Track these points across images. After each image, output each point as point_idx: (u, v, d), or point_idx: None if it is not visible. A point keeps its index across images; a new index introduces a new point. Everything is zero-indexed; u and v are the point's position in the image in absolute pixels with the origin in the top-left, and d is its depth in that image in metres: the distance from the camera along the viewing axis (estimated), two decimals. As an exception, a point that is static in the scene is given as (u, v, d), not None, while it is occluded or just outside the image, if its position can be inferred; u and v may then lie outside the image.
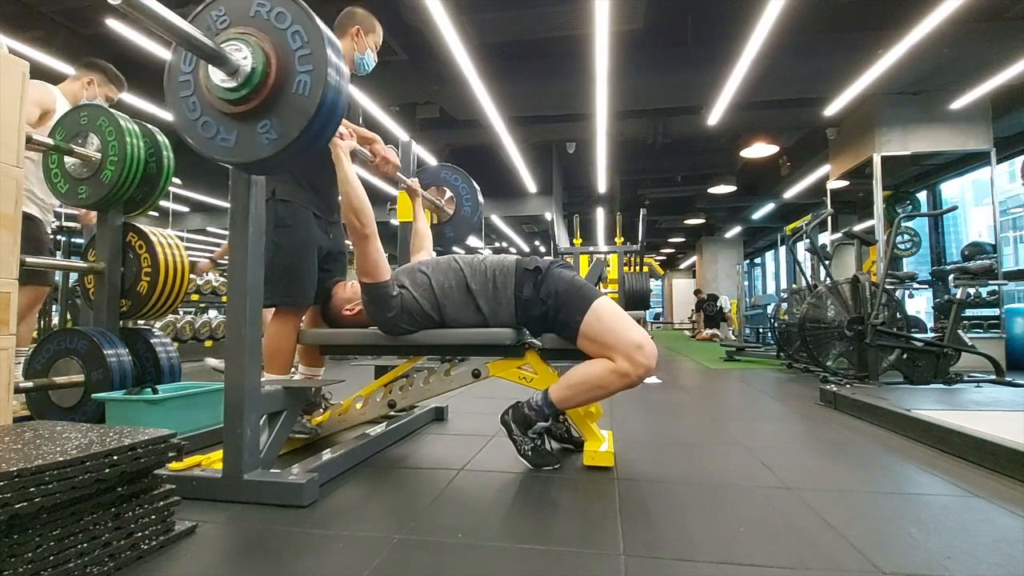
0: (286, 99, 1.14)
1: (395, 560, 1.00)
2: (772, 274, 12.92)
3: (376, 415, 1.89)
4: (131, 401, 1.80)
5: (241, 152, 1.18)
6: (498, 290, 1.63)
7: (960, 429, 1.74)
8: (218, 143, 1.19)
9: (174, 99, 1.22)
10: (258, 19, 1.15)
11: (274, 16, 1.14)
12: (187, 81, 1.20)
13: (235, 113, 1.15)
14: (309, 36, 1.12)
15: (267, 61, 1.12)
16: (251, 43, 1.12)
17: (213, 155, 1.20)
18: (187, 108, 1.21)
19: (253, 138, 1.16)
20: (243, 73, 1.11)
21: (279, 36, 1.13)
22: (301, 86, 1.12)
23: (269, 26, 1.14)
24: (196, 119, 1.20)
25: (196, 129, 1.20)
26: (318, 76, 1.12)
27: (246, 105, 1.14)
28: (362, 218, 1.55)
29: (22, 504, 0.81)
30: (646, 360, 1.49)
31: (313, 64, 1.12)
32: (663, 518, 1.22)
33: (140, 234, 2.18)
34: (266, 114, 1.15)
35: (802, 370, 4.20)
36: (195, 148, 1.22)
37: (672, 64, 5.10)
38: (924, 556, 1.03)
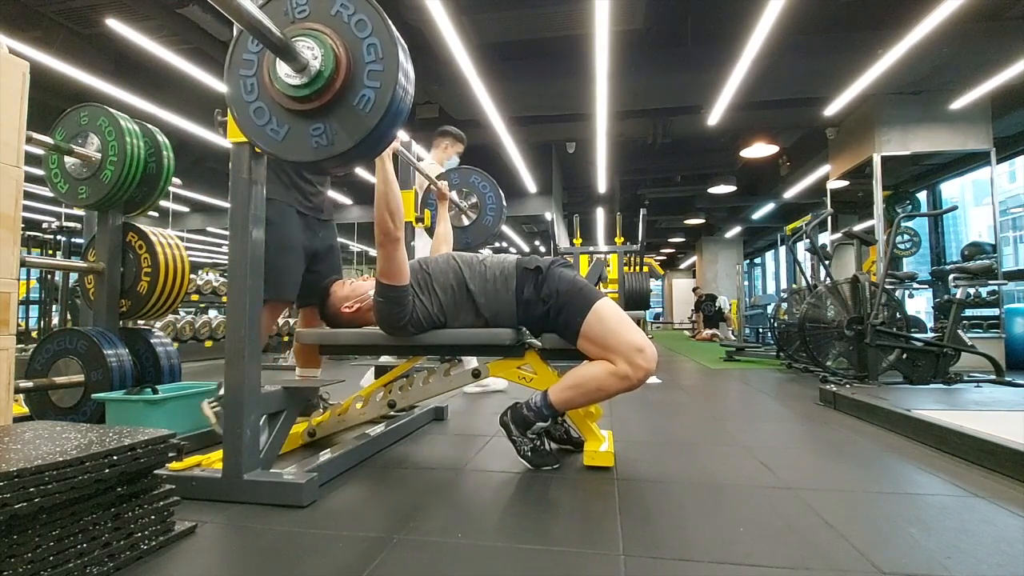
0: (346, 110, 1.10)
1: (395, 560, 1.00)
2: (772, 274, 12.92)
3: (376, 415, 1.89)
4: (131, 401, 1.80)
5: (287, 148, 1.15)
6: (498, 291, 1.62)
7: (960, 429, 1.74)
8: (267, 132, 1.16)
9: (233, 75, 1.19)
10: (337, 20, 1.11)
11: (354, 22, 1.11)
12: (251, 60, 1.17)
13: (292, 109, 1.13)
14: (384, 52, 1.09)
15: (336, 66, 1.08)
16: (325, 44, 1.08)
17: (258, 142, 1.18)
18: (244, 88, 1.18)
19: (303, 138, 1.13)
20: (310, 72, 1.08)
21: (355, 44, 1.10)
22: (364, 101, 1.09)
23: (347, 30, 1.11)
24: (251, 101, 1.17)
25: (248, 111, 1.17)
26: (383, 95, 1.08)
27: (305, 104, 1.11)
28: (396, 220, 1.50)
29: (22, 504, 0.81)
30: (646, 363, 1.48)
31: (381, 82, 1.08)
32: (663, 518, 1.22)
33: (140, 234, 2.18)
34: (322, 118, 1.12)
35: (802, 370, 4.20)
36: (241, 129, 1.19)
37: (672, 64, 5.10)
38: (924, 556, 1.02)
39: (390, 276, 1.54)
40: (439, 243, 2.30)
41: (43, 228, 5.46)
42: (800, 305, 4.08)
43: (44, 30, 4.48)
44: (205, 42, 4.39)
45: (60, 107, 2.22)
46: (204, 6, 4.03)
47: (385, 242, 1.51)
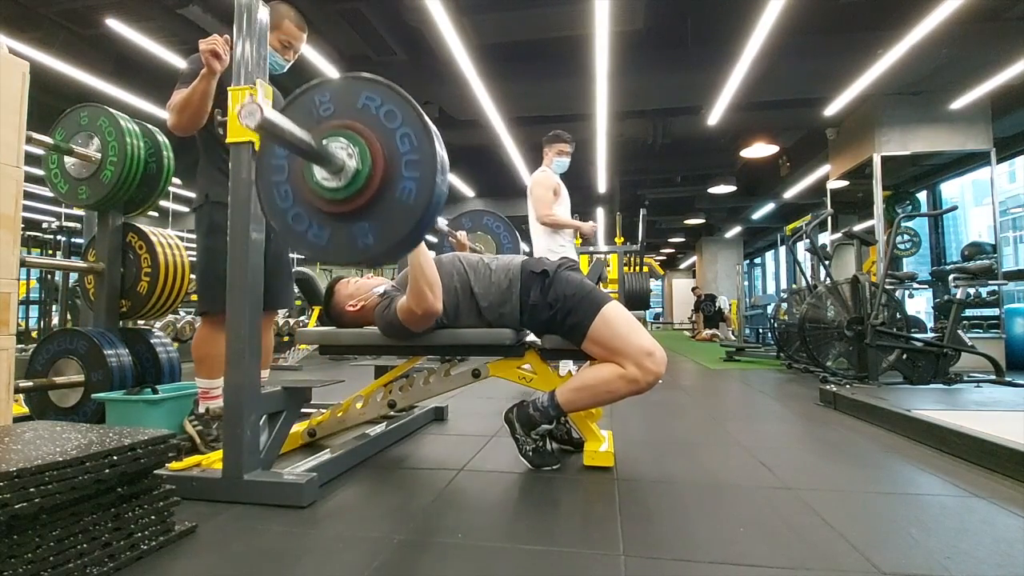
0: (388, 205, 1.07)
1: (395, 560, 1.00)
2: (772, 274, 12.92)
3: (376, 415, 1.89)
4: (131, 401, 1.80)
5: (333, 252, 1.12)
6: (503, 295, 1.60)
7: (960, 429, 1.74)
8: (309, 238, 1.12)
9: (264, 182, 1.15)
10: (365, 113, 1.08)
11: (383, 113, 1.07)
12: (281, 166, 1.13)
13: (333, 212, 1.08)
14: (419, 140, 1.05)
15: (373, 163, 1.05)
16: (358, 141, 1.05)
17: (301, 249, 1.15)
18: (278, 195, 1.13)
19: (348, 240, 1.09)
20: (347, 174, 1.05)
21: (387, 136, 1.07)
22: (406, 193, 1.06)
23: (377, 123, 1.07)
24: (287, 208, 1.13)
25: (286, 219, 1.13)
26: (425, 183, 1.05)
27: (345, 206, 1.07)
28: (436, 291, 1.49)
29: (22, 504, 0.81)
30: (656, 367, 1.47)
31: (420, 171, 1.05)
32: (663, 518, 1.22)
33: (140, 234, 2.18)
34: (365, 217, 1.08)
35: (802, 370, 4.20)
36: (281, 237, 1.16)
37: (672, 64, 5.10)
38: (924, 556, 1.02)
39: (413, 324, 1.55)
40: None
41: (43, 228, 5.47)
42: (800, 305, 4.08)
43: (44, 31, 4.48)
44: (205, 42, 4.38)
45: (60, 107, 2.22)
46: (204, 6, 4.03)
47: (424, 314, 1.50)
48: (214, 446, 1.71)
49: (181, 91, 1.70)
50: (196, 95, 1.65)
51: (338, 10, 4.23)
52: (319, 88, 1.13)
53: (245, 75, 1.34)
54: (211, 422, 1.79)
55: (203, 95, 1.65)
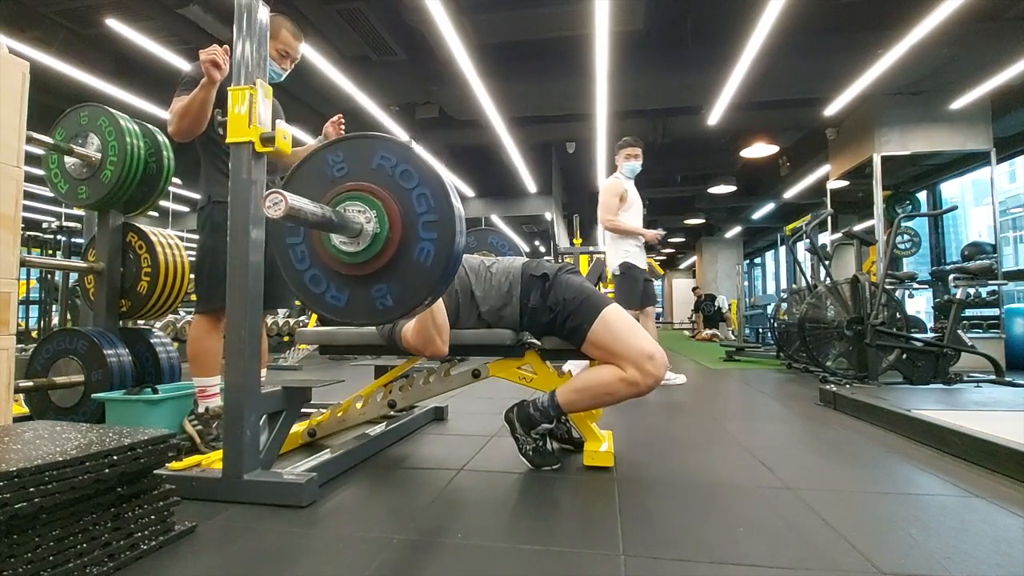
0: (407, 265, 1.06)
1: (395, 560, 1.00)
2: (772, 274, 12.92)
3: (376, 415, 1.89)
4: (131, 401, 1.80)
5: (351, 313, 1.11)
6: (503, 298, 1.60)
7: (960, 429, 1.74)
8: (327, 300, 1.12)
9: (279, 243, 1.14)
10: (380, 173, 1.07)
11: (399, 173, 1.06)
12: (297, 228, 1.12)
13: (351, 275, 1.08)
14: (436, 201, 1.04)
15: (391, 227, 1.04)
16: (375, 204, 1.04)
17: (320, 311, 1.14)
18: (294, 257, 1.13)
19: (367, 302, 1.09)
20: (365, 238, 1.04)
21: (404, 197, 1.05)
22: (424, 254, 1.05)
23: (393, 183, 1.06)
24: (304, 270, 1.13)
25: (303, 280, 1.13)
26: (442, 244, 1.03)
27: (363, 269, 1.07)
28: (444, 336, 1.50)
29: (22, 504, 0.81)
30: (656, 370, 1.47)
31: (438, 232, 1.04)
32: (663, 518, 1.22)
33: (140, 234, 2.18)
34: (383, 279, 1.08)
35: (802, 370, 4.20)
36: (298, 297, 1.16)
37: (672, 64, 5.10)
38: (924, 556, 1.02)
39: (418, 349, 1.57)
40: None
41: (43, 228, 5.47)
42: (800, 305, 4.08)
43: (44, 30, 4.48)
44: (205, 42, 4.38)
45: (60, 107, 2.22)
46: (204, 6, 4.03)
47: (429, 355, 1.55)
48: (214, 446, 1.71)
49: (182, 98, 1.72)
50: (196, 103, 1.68)
51: (338, 10, 4.23)
52: (333, 148, 1.12)
53: (245, 75, 1.34)
54: (211, 422, 1.80)
55: (203, 103, 1.69)
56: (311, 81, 5.02)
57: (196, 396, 1.85)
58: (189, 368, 1.88)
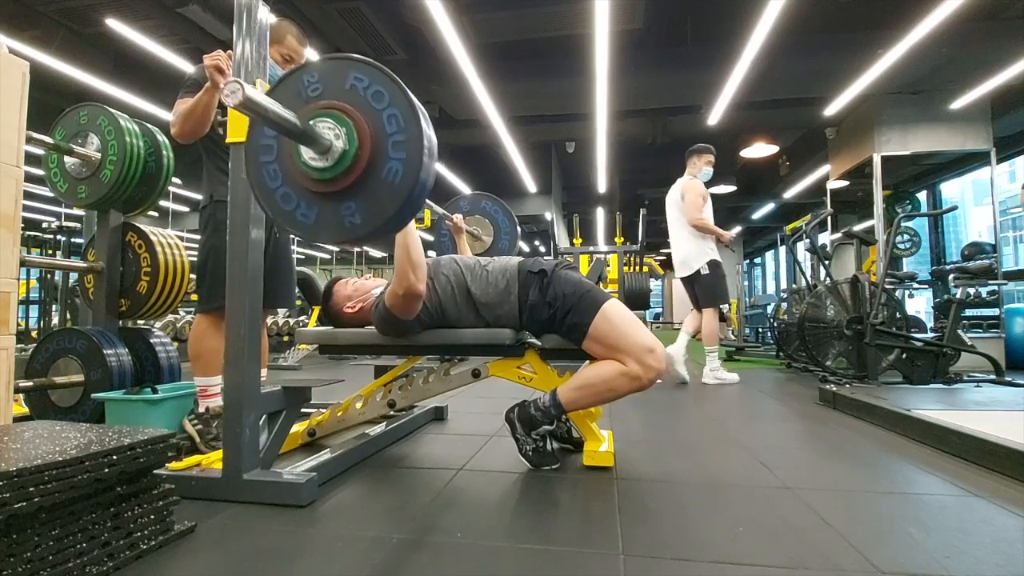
0: (375, 185, 1.08)
1: (394, 560, 1.00)
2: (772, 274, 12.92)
3: (376, 415, 1.89)
4: (131, 401, 1.80)
5: (320, 231, 1.13)
6: (500, 295, 1.60)
7: (960, 429, 1.74)
8: (296, 217, 1.14)
9: (254, 162, 1.17)
10: (353, 94, 1.09)
11: (371, 94, 1.08)
12: (270, 146, 1.15)
13: (320, 192, 1.10)
14: (406, 121, 1.07)
15: (360, 144, 1.06)
16: (345, 122, 1.07)
17: (290, 228, 1.16)
18: (267, 175, 1.15)
19: (335, 220, 1.11)
20: (334, 153, 1.06)
21: (374, 117, 1.08)
22: (392, 173, 1.07)
23: (364, 104, 1.08)
24: (276, 188, 1.15)
25: (274, 198, 1.15)
26: (410, 164, 1.06)
27: (332, 186, 1.09)
28: (418, 273, 1.48)
29: (21, 504, 0.81)
30: (657, 364, 1.48)
31: (407, 151, 1.06)
32: (663, 518, 1.22)
33: (140, 234, 2.18)
34: (352, 197, 1.09)
35: (801, 370, 4.20)
36: (269, 214, 1.18)
37: (672, 64, 5.10)
38: (923, 556, 1.02)
39: (401, 312, 1.54)
40: None
41: (43, 228, 5.47)
42: (800, 305, 4.08)
43: (43, 29, 4.48)
44: (205, 41, 4.39)
45: (60, 107, 2.22)
46: (204, 5, 4.03)
47: (404, 295, 1.49)
48: (214, 445, 1.72)
49: (185, 101, 1.73)
50: (199, 107, 1.69)
51: (338, 10, 4.23)
52: (307, 70, 1.14)
53: (245, 75, 1.34)
54: (211, 421, 1.80)
55: (206, 107, 1.70)
56: (311, 81, 5.01)
57: (197, 396, 1.86)
58: (190, 367, 1.88)
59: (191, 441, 1.75)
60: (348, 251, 14.82)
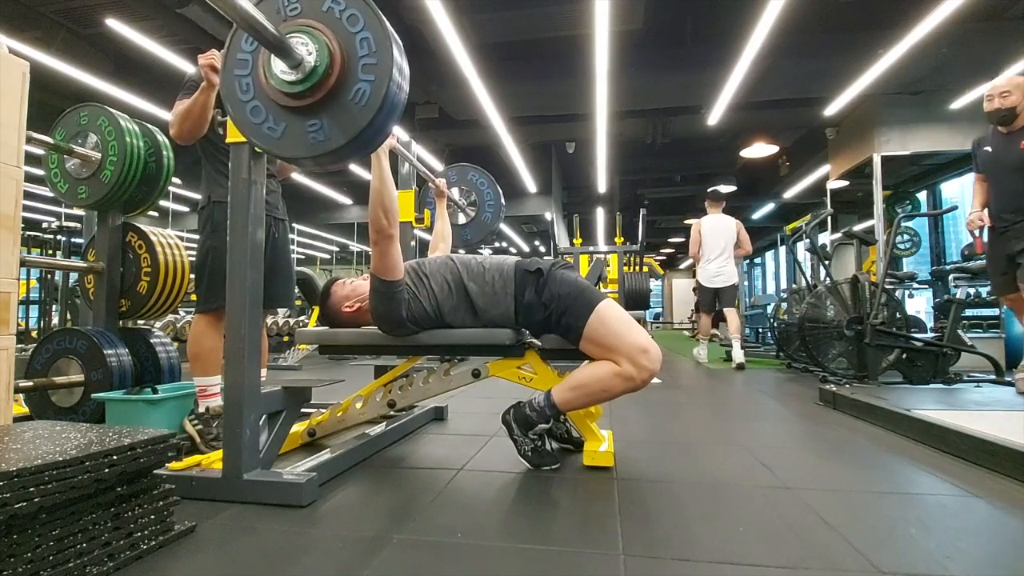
0: (342, 104, 1.11)
1: (394, 560, 1.00)
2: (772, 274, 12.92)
3: (376, 415, 1.89)
4: (131, 401, 1.80)
5: (284, 146, 1.16)
6: (497, 294, 1.60)
7: (960, 429, 1.74)
8: (264, 130, 1.17)
9: (228, 75, 1.20)
10: (329, 16, 1.12)
11: (346, 17, 1.11)
12: (245, 60, 1.18)
13: (288, 106, 1.13)
14: (377, 45, 1.09)
15: (331, 61, 1.09)
16: (319, 39, 1.09)
17: (255, 141, 1.19)
18: (239, 87, 1.18)
19: (300, 135, 1.14)
20: (305, 68, 1.08)
21: (348, 38, 1.11)
22: (359, 94, 1.09)
23: (339, 26, 1.11)
24: (247, 101, 1.18)
25: (244, 111, 1.18)
26: (378, 87, 1.08)
27: (300, 100, 1.11)
28: (390, 218, 1.50)
29: (21, 504, 0.81)
30: (651, 364, 1.48)
31: (375, 75, 1.09)
32: (663, 518, 1.22)
33: (140, 234, 2.18)
34: (318, 114, 1.12)
35: (801, 370, 4.20)
36: (238, 128, 1.20)
37: (672, 64, 5.10)
38: (924, 556, 1.03)
39: (384, 272, 1.55)
40: (437, 240, 2.30)
41: (43, 228, 5.46)
42: (800, 305, 4.08)
43: (44, 30, 4.48)
44: (205, 42, 4.39)
45: (60, 107, 2.22)
46: (204, 6, 4.03)
47: (379, 239, 1.51)
48: (214, 445, 1.72)
49: (183, 102, 1.74)
50: (197, 107, 1.69)
51: (338, 10, 4.23)
52: None
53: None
54: (211, 421, 1.80)
55: (203, 107, 1.70)
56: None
57: (196, 396, 1.86)
58: (189, 368, 1.88)
59: (191, 441, 1.75)
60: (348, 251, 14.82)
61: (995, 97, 2.72)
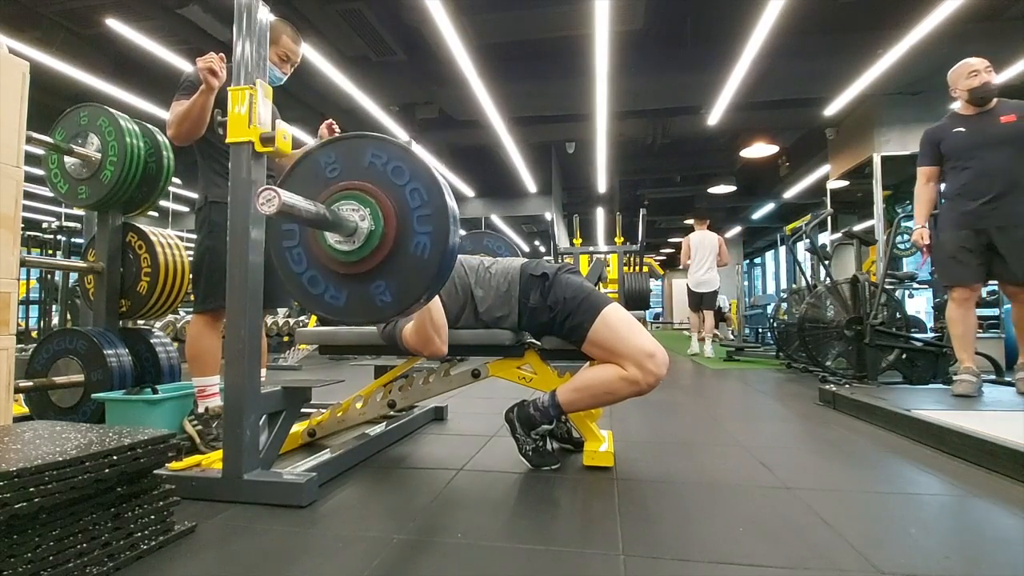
0: (404, 260, 1.07)
1: (394, 560, 1.00)
2: (772, 274, 12.92)
3: (376, 415, 1.89)
4: (131, 401, 1.80)
5: (353, 312, 1.12)
6: (501, 297, 1.60)
7: (960, 429, 1.74)
8: (326, 300, 1.12)
9: (276, 247, 1.15)
10: (372, 171, 1.08)
11: (391, 170, 1.07)
12: (292, 231, 1.13)
13: (349, 273, 1.09)
14: (428, 194, 1.05)
15: (385, 223, 1.05)
16: (369, 203, 1.05)
17: (320, 311, 1.14)
18: (291, 259, 1.14)
19: (366, 299, 1.10)
20: (360, 236, 1.05)
21: (397, 193, 1.06)
22: (420, 248, 1.05)
23: (385, 180, 1.07)
24: (302, 272, 1.13)
25: (301, 282, 1.13)
26: (438, 236, 1.04)
27: (360, 267, 1.07)
28: (442, 336, 1.49)
29: (21, 504, 0.81)
30: (657, 369, 1.47)
31: (433, 225, 1.05)
32: (663, 518, 1.22)
33: (140, 234, 2.18)
34: (381, 276, 1.08)
35: (801, 370, 4.20)
36: (298, 301, 1.18)
37: (672, 64, 5.10)
38: (923, 556, 1.02)
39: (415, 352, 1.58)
40: None
41: (43, 228, 5.47)
42: (800, 305, 4.08)
43: (44, 30, 4.48)
44: (205, 42, 4.39)
45: (60, 107, 2.22)
46: (204, 6, 4.03)
47: (428, 355, 1.55)
48: (214, 445, 1.72)
49: (181, 102, 1.73)
50: (195, 109, 1.69)
51: (338, 10, 4.23)
52: (324, 150, 1.13)
53: (245, 75, 1.34)
54: (211, 421, 1.80)
55: (202, 109, 1.70)
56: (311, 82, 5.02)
57: (196, 396, 1.86)
58: (188, 368, 1.88)
59: (191, 441, 1.75)
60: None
61: (980, 72, 2.68)
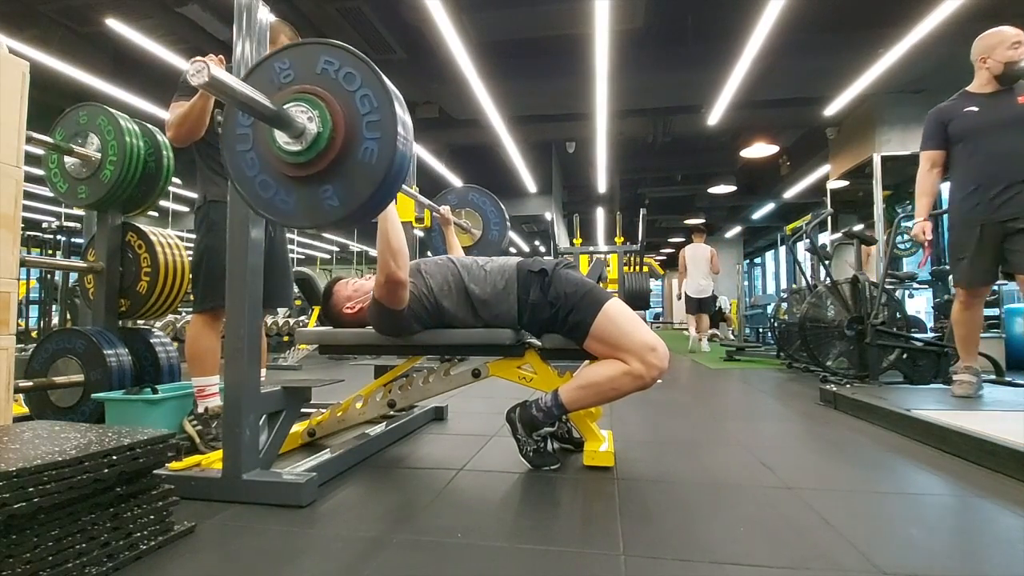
0: (351, 165, 1.09)
1: (394, 560, 1.00)
2: (772, 274, 12.92)
3: (376, 415, 1.89)
4: (130, 401, 1.80)
5: (301, 216, 1.14)
6: (499, 294, 1.60)
7: (960, 429, 1.74)
8: (276, 204, 1.14)
9: (230, 152, 1.17)
10: (325, 77, 1.09)
11: (342, 76, 1.08)
12: (245, 135, 1.15)
13: (296, 176, 1.11)
14: (378, 100, 1.07)
15: (334, 126, 1.07)
16: (318, 105, 1.07)
17: (270, 215, 1.17)
18: (245, 164, 1.15)
19: (314, 203, 1.11)
20: (308, 137, 1.06)
21: (347, 98, 1.08)
22: (368, 153, 1.07)
23: (336, 86, 1.08)
24: (254, 176, 1.15)
25: (253, 186, 1.15)
26: (386, 143, 1.06)
27: (308, 169, 1.09)
28: (399, 261, 1.48)
29: (20, 504, 0.81)
30: (660, 362, 1.48)
31: (381, 131, 1.07)
32: (663, 518, 1.22)
33: (140, 234, 2.18)
34: (329, 179, 1.10)
35: (802, 370, 4.20)
36: (250, 205, 1.18)
37: (672, 63, 5.10)
38: (924, 556, 1.02)
39: (392, 303, 1.54)
40: None
41: (43, 228, 5.47)
42: (800, 305, 4.08)
43: (43, 29, 4.48)
44: (205, 41, 4.39)
45: (60, 107, 2.22)
46: (203, 5, 4.03)
47: (386, 283, 1.49)
48: (214, 445, 1.71)
49: (180, 104, 1.72)
50: (194, 111, 1.69)
51: (338, 9, 4.23)
52: (278, 56, 1.15)
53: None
54: (210, 421, 1.80)
55: (201, 111, 1.69)
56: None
57: (195, 396, 1.85)
58: (187, 368, 1.88)
59: (191, 441, 1.75)
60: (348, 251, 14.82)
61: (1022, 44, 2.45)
